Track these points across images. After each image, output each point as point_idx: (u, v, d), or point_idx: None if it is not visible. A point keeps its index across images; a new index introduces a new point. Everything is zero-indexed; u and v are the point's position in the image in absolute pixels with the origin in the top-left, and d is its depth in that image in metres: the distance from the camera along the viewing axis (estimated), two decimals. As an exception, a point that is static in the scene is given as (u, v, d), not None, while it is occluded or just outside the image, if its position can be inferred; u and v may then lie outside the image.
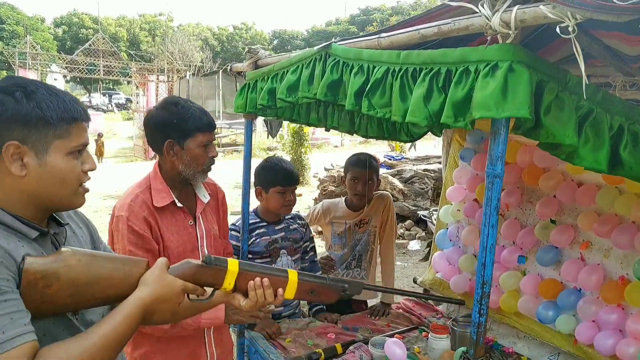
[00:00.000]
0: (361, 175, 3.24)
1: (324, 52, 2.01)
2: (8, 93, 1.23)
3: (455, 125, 1.39)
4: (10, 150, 1.23)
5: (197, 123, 2.18)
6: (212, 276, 1.53)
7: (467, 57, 1.38)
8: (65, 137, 1.29)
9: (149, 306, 1.32)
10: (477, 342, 1.43)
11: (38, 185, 1.27)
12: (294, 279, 1.67)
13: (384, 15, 49.21)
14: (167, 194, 2.26)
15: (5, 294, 1.12)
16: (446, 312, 3.44)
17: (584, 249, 2.63)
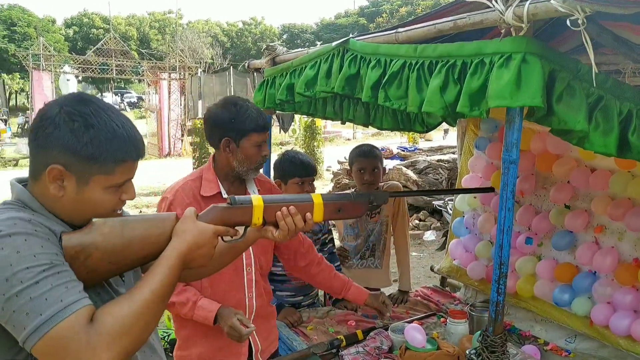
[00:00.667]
0: (367, 165, 3.30)
1: (341, 48, 2.09)
2: (69, 120, 1.29)
3: (470, 115, 1.46)
4: (53, 173, 1.29)
5: (253, 124, 2.25)
6: (240, 215, 1.58)
7: (482, 49, 1.45)
8: (109, 174, 1.34)
9: (186, 254, 1.37)
10: (496, 320, 1.50)
11: (70, 208, 1.34)
12: (319, 201, 1.70)
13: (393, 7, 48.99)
14: (216, 184, 2.35)
15: (57, 266, 1.20)
16: (463, 299, 3.51)
17: (598, 232, 2.69)
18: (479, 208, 3.38)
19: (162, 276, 1.31)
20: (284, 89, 2.46)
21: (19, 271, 1.15)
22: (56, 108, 1.30)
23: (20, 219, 1.22)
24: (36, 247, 1.19)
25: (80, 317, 1.17)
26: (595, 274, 2.69)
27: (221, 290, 2.37)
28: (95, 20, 43.19)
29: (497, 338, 1.56)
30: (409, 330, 2.71)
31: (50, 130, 1.28)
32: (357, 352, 2.73)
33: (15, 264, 1.16)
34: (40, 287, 1.16)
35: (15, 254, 1.16)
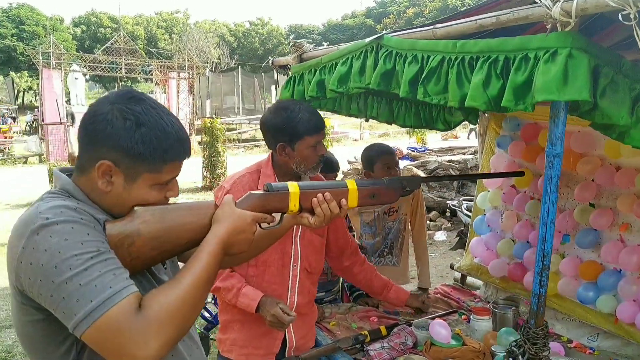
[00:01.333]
0: (391, 161, 3.31)
1: (375, 44, 2.11)
2: (121, 117, 1.31)
3: (515, 109, 1.48)
4: (103, 168, 1.31)
5: (305, 127, 2.27)
6: (277, 201, 1.61)
7: (526, 44, 1.47)
8: (157, 173, 1.36)
9: (227, 240, 1.40)
10: (538, 313, 1.52)
11: (115, 203, 1.36)
12: (353, 187, 1.73)
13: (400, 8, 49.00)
14: (273, 180, 2.37)
15: (104, 253, 1.22)
16: (484, 296, 3.53)
17: (623, 230, 2.70)
18: (501, 206, 3.40)
19: (205, 262, 1.33)
20: (314, 86, 2.48)
21: (67, 258, 1.17)
22: (107, 105, 1.33)
23: (66, 207, 1.25)
24: (83, 235, 1.22)
25: (130, 303, 1.19)
26: (621, 271, 2.69)
27: (265, 282, 2.42)
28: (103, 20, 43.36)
29: (539, 330, 1.57)
30: (434, 325, 2.73)
31: (102, 127, 1.31)
32: (382, 347, 2.74)
33: (63, 251, 1.18)
34: (89, 273, 1.18)
35: (64, 241, 1.19)
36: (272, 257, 2.43)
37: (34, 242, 1.19)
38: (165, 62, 20.27)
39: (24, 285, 1.21)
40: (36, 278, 1.18)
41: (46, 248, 1.18)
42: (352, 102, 3.06)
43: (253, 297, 2.32)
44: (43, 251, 1.18)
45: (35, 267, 1.18)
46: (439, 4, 45.95)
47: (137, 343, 1.17)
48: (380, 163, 3.29)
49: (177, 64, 19.49)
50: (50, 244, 1.18)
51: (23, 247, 1.20)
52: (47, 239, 1.19)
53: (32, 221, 1.22)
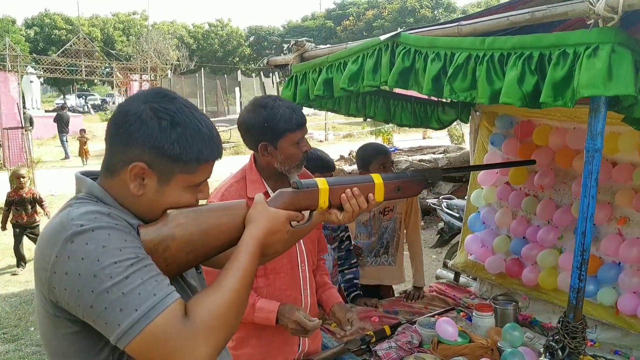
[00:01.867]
0: (387, 161, 3.30)
1: (391, 42, 2.09)
2: (156, 117, 1.25)
3: (554, 104, 1.49)
4: (136, 171, 1.25)
5: (287, 123, 2.18)
6: (308, 198, 1.57)
7: (564, 41, 1.48)
8: (191, 174, 1.31)
9: (263, 241, 1.35)
10: (577, 307, 1.53)
11: (147, 206, 1.30)
12: (379, 181, 1.71)
13: (360, 10, 49.30)
14: (261, 184, 2.29)
15: (143, 259, 1.16)
16: (479, 293, 3.56)
17: (622, 224, 2.77)
18: (495, 203, 3.44)
19: (245, 263, 1.29)
20: (321, 85, 2.45)
21: (107, 266, 1.11)
22: (140, 104, 1.26)
23: (100, 212, 1.19)
24: (120, 241, 1.16)
25: (176, 311, 1.14)
26: (620, 264, 2.76)
27: (277, 289, 2.33)
28: (57, 21, 42.12)
29: (578, 324, 1.58)
30: (441, 323, 2.74)
31: (136, 127, 1.24)
32: (389, 347, 2.73)
33: (102, 259, 1.12)
34: (130, 281, 1.12)
35: (101, 248, 1.12)
36: (281, 262, 2.36)
37: (68, 251, 1.12)
38: (127, 64, 19.84)
39: (59, 296, 1.14)
40: (73, 288, 1.11)
41: (83, 256, 1.12)
42: (352, 102, 3.05)
43: (270, 309, 2.24)
44: (80, 259, 1.12)
45: (72, 276, 1.12)
46: (397, 6, 46.45)
47: (186, 351, 1.13)
48: (376, 163, 3.28)
49: (139, 65, 19.10)
50: (87, 252, 1.12)
51: (56, 256, 1.13)
52: (83, 246, 1.12)
53: (64, 228, 1.15)
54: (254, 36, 51.95)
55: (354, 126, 26.13)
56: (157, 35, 38.54)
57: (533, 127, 3.19)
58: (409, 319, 3.15)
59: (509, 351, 2.52)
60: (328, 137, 23.78)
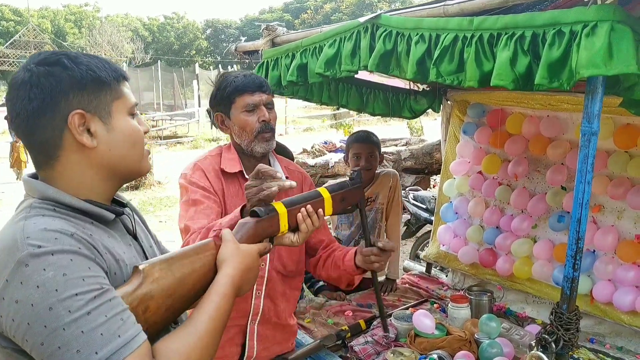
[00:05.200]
0: (363, 151, 3.23)
1: (370, 24, 2.00)
2: (54, 63, 1.13)
3: (550, 86, 1.43)
4: (76, 121, 1.12)
5: (234, 86, 2.02)
6: (270, 225, 1.51)
7: (559, 19, 1.42)
8: (121, 97, 1.21)
9: (238, 280, 1.27)
10: (571, 297, 1.48)
11: (111, 153, 1.19)
12: (327, 196, 1.68)
13: (317, 3, 49.24)
14: (237, 162, 2.12)
15: (107, 291, 1.03)
16: (452, 284, 3.53)
17: (596, 212, 2.76)
18: (468, 193, 3.40)
19: (219, 305, 1.20)
20: (295, 70, 2.34)
21: (66, 298, 0.97)
22: (25, 71, 1.13)
23: (61, 232, 1.04)
24: (83, 269, 1.02)
25: (142, 355, 1.02)
26: (595, 252, 2.75)
27: None
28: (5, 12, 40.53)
29: (572, 315, 1.53)
30: (418, 316, 2.68)
31: (44, 85, 1.11)
32: (365, 342, 2.66)
33: (61, 289, 0.97)
34: (92, 318, 0.98)
35: (61, 276, 0.98)
36: None
37: (22, 276, 0.97)
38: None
39: (5, 325, 0.99)
40: (22, 320, 0.96)
41: (38, 284, 0.97)
42: (324, 90, 2.95)
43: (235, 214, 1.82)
44: (34, 287, 0.96)
45: (23, 306, 0.96)
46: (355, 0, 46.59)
47: None
48: (351, 152, 3.21)
49: (92, 58, 18.49)
50: (44, 280, 0.97)
51: (7, 280, 0.98)
52: (40, 272, 0.97)
53: (17, 248, 1.00)
54: (211, 29, 51.25)
55: (314, 120, 26.07)
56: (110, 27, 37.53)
57: (505, 115, 3.16)
58: (385, 312, 3.08)
59: (487, 342, 2.48)
60: (288, 131, 23.64)
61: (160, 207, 10.06)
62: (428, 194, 5.96)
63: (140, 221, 1.41)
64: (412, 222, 5.89)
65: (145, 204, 10.29)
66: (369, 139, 3.22)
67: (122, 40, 37.01)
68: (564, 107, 2.84)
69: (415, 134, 16.50)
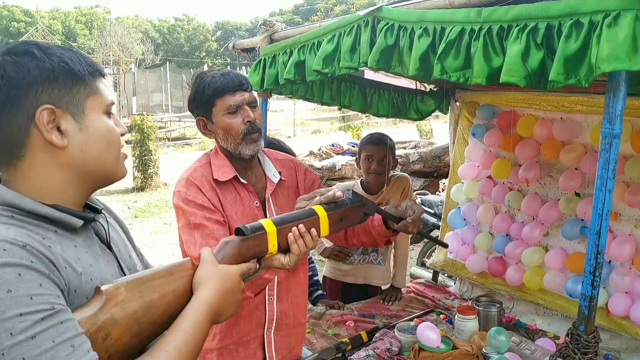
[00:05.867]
0: (375, 153, 3.10)
1: (371, 17, 1.86)
2: (22, 52, 1.01)
3: (566, 83, 1.28)
4: (45, 118, 1.00)
5: (212, 88, 1.90)
6: (256, 245, 1.36)
7: (576, 8, 1.28)
8: (97, 94, 1.09)
9: (216, 306, 1.14)
10: (589, 317, 1.33)
11: (83, 154, 1.06)
12: (323, 214, 1.53)
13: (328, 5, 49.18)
14: (229, 168, 2.00)
15: (60, 313, 0.91)
16: (459, 293, 3.38)
17: (612, 220, 2.60)
18: (476, 198, 3.25)
19: (191, 333, 1.06)
20: (292, 67, 2.21)
21: (8, 318, 0.85)
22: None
23: (12, 242, 0.91)
24: (33, 285, 0.89)
25: None
26: (610, 262, 2.59)
27: None
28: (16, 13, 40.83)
29: (591, 338, 1.38)
30: (422, 329, 2.53)
31: (10, 75, 0.99)
32: (367, 355, 2.52)
33: (4, 307, 0.85)
34: (38, 343, 0.86)
35: (5, 293, 0.86)
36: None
37: None
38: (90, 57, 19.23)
39: None
40: None
41: None
42: (325, 89, 2.82)
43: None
44: None
45: None
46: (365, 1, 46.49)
47: None
48: (363, 154, 3.08)
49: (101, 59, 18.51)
50: None
51: None
52: None
53: None
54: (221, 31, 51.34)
55: (322, 122, 25.91)
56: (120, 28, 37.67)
57: (517, 117, 3.01)
58: (387, 322, 2.94)
59: (496, 358, 2.33)
60: (296, 133, 23.53)
61: (165, 209, 9.96)
62: (436, 198, 5.80)
63: (120, 229, 1.28)
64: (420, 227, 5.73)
65: (151, 206, 10.21)
66: (382, 142, 3.08)
67: (132, 41, 37.13)
68: (579, 108, 2.69)
69: (425, 137, 16.33)
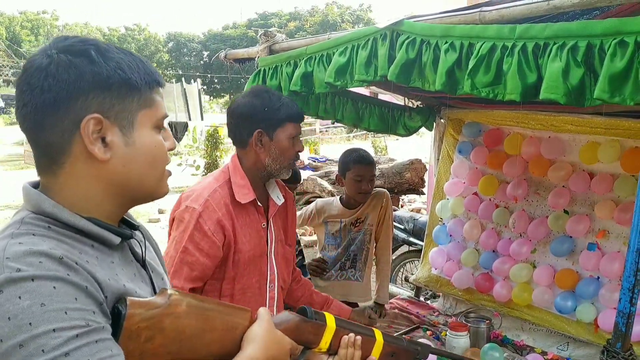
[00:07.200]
0: (366, 173, 3.04)
1: (390, 31, 1.85)
2: (80, 53, 0.94)
3: (611, 101, 1.30)
4: (91, 127, 0.93)
5: (289, 112, 1.99)
6: (312, 333, 1.32)
7: (621, 28, 1.30)
8: (151, 107, 1.02)
9: None
10: (627, 334, 1.34)
11: (125, 170, 0.99)
12: (380, 340, 1.48)
13: (281, 21, 49.30)
14: (249, 190, 2.01)
15: (95, 331, 0.84)
16: (443, 309, 3.38)
17: (600, 237, 2.67)
18: (462, 214, 3.27)
19: None
20: (298, 79, 2.17)
21: (42, 334, 0.79)
22: (44, 56, 0.94)
23: (48, 255, 0.85)
24: (68, 299, 0.83)
25: None
26: (599, 279, 2.65)
27: None
28: (-43, 16, 39.12)
29: (628, 355, 1.39)
30: (419, 346, 2.51)
31: (62, 76, 0.92)
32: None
33: (37, 322, 0.79)
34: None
35: (39, 307, 0.80)
36: (250, 281, 2.06)
37: None
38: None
39: None
40: None
41: (10, 315, 0.79)
42: (320, 103, 2.79)
43: None
44: (5, 319, 0.79)
45: None
46: (319, 19, 46.90)
47: None
48: (352, 173, 3.02)
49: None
50: (18, 310, 0.79)
51: None
52: (14, 300, 0.80)
53: None
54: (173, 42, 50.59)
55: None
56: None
57: (503, 135, 3.06)
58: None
59: (492, 374, 2.33)
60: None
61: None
62: (406, 213, 5.84)
63: (152, 247, 1.20)
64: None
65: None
66: (370, 160, 3.05)
67: (80, 50, 36.05)
68: (568, 128, 2.76)
69: (380, 153, 16.52)
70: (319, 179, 9.67)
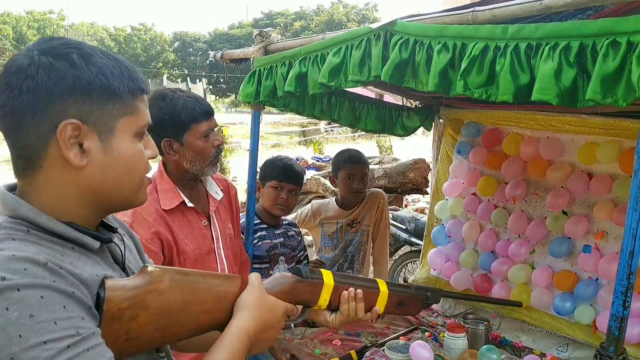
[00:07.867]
0: (356, 172, 3.07)
1: (383, 31, 1.84)
2: (62, 56, 0.92)
3: (603, 102, 1.28)
4: (68, 132, 0.92)
5: (191, 113, 1.97)
6: (309, 292, 1.32)
7: (614, 28, 1.28)
8: (133, 114, 1.00)
9: (254, 337, 1.07)
10: (619, 338, 1.32)
11: (102, 177, 0.97)
12: (384, 289, 1.48)
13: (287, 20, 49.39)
14: (175, 194, 2.04)
15: (87, 339, 0.83)
16: (441, 310, 3.36)
17: (599, 238, 2.64)
18: (461, 215, 3.25)
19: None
20: (293, 80, 2.16)
21: (32, 346, 0.78)
22: (25, 57, 0.93)
23: (32, 261, 0.83)
24: (57, 309, 0.82)
25: None
26: (597, 280, 2.63)
27: None
28: (-37, 16, 39.34)
29: (621, 359, 1.37)
30: (415, 348, 2.50)
31: (41, 79, 0.91)
32: (359, 375, 2.46)
33: (27, 334, 0.78)
34: None
35: (29, 319, 0.79)
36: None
37: None
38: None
39: None
40: None
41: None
42: (317, 103, 2.78)
43: None
44: None
45: None
46: (325, 18, 46.92)
47: None
48: (343, 172, 3.02)
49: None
50: (6, 322, 0.78)
51: None
52: (2, 312, 0.78)
53: None
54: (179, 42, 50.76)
55: (282, 136, 25.85)
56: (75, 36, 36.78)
57: (502, 135, 3.04)
58: (373, 340, 2.89)
59: (489, 377, 2.32)
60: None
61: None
62: (408, 213, 5.83)
63: (135, 248, 1.19)
64: (391, 242, 5.74)
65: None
66: (361, 159, 3.06)
67: (86, 49, 36.16)
68: (566, 128, 2.74)
69: (385, 152, 16.50)
70: (323, 178, 9.66)
